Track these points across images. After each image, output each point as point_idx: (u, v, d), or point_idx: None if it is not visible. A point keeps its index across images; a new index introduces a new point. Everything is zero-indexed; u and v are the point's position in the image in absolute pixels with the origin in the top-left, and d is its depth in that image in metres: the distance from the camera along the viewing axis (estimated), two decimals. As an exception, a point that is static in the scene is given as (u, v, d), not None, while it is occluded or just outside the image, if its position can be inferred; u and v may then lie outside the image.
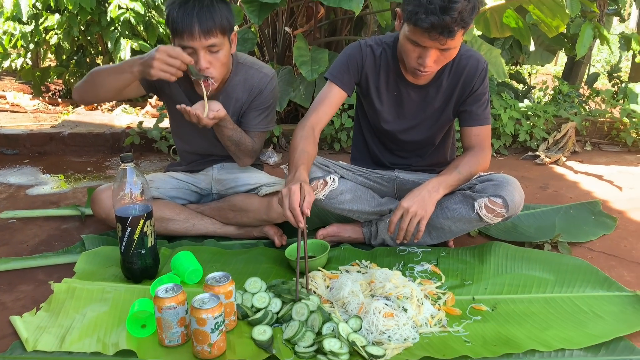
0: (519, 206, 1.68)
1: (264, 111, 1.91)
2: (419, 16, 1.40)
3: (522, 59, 4.25)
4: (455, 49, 1.52)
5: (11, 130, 3.32)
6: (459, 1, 1.37)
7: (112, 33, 4.51)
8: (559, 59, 8.30)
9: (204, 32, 1.61)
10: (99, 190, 1.85)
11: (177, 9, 1.61)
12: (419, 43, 1.48)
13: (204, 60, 1.65)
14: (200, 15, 1.60)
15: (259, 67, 1.88)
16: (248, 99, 1.88)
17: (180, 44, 1.63)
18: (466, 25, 1.43)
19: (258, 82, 1.86)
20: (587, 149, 3.54)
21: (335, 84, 1.74)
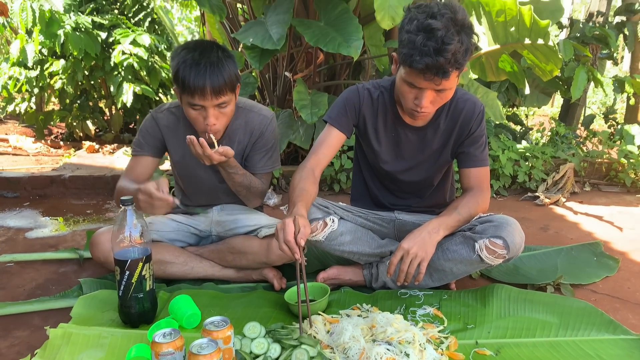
0: (520, 247, 1.67)
1: (268, 152, 1.93)
2: (414, 58, 1.44)
3: (518, 102, 4.32)
4: (450, 90, 1.55)
5: (12, 173, 3.34)
6: (452, 43, 1.40)
7: (115, 77, 4.61)
8: (555, 100, 8.44)
9: (215, 92, 1.63)
10: (98, 233, 1.84)
11: (189, 69, 1.61)
12: (415, 84, 1.52)
13: (212, 117, 1.68)
14: (212, 76, 1.61)
15: (259, 110, 1.92)
16: (250, 142, 1.91)
17: (190, 102, 1.66)
18: (460, 66, 1.46)
19: (258, 124, 1.89)
20: (587, 190, 3.55)
21: (334, 126, 1.78)
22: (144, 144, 1.88)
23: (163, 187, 1.54)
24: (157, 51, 4.95)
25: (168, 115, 1.87)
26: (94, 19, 4.63)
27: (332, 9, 2.98)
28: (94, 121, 5.11)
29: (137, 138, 1.89)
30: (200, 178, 1.95)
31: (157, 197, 1.52)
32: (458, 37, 1.42)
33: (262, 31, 2.84)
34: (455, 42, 1.41)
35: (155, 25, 5.23)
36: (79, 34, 4.34)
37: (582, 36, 4.06)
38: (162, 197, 1.52)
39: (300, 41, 3.59)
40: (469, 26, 1.48)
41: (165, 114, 1.88)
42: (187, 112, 1.71)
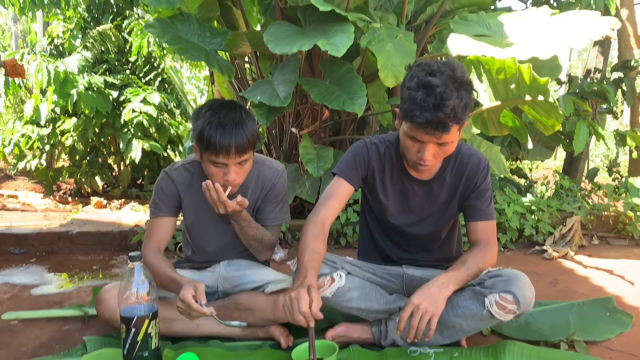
0: (530, 302, 1.65)
1: (279, 204, 1.96)
2: (415, 113, 1.49)
3: (521, 155, 4.37)
4: (452, 143, 1.59)
5: (20, 230, 3.36)
6: (450, 99, 1.46)
7: (125, 134, 4.72)
8: (557, 153, 8.51)
9: (238, 151, 1.68)
10: (104, 289, 1.83)
11: (215, 130, 1.66)
12: (417, 138, 1.56)
13: (233, 174, 1.72)
14: (237, 137, 1.66)
15: (270, 163, 1.97)
16: (262, 194, 1.94)
17: (213, 160, 1.70)
18: (459, 120, 1.51)
19: (270, 177, 1.94)
20: (595, 243, 3.53)
21: (344, 178, 1.81)
22: (162, 204, 1.89)
23: (201, 297, 1.55)
24: (166, 109, 5.08)
25: (182, 172, 1.91)
26: (107, 78, 4.80)
27: (337, 69, 3.09)
28: (102, 177, 5.18)
29: (154, 199, 1.91)
30: (211, 234, 1.96)
31: (195, 309, 1.53)
32: (457, 93, 1.48)
33: (270, 90, 2.93)
34: (454, 98, 1.46)
35: (165, 84, 5.41)
36: (91, 93, 4.49)
37: (581, 92, 4.16)
38: (199, 310, 1.53)
39: (306, 99, 3.69)
40: (468, 82, 1.54)
41: (179, 170, 1.91)
42: (207, 168, 1.74)
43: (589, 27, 2.74)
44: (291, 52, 2.66)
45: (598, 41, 4.79)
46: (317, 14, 2.98)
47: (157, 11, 3.59)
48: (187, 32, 3.23)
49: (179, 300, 1.55)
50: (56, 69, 4.27)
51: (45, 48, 5.30)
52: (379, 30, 2.82)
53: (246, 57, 3.77)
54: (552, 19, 3.00)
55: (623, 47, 4.46)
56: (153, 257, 1.78)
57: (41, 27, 5.99)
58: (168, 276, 1.70)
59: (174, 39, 3.12)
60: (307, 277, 1.53)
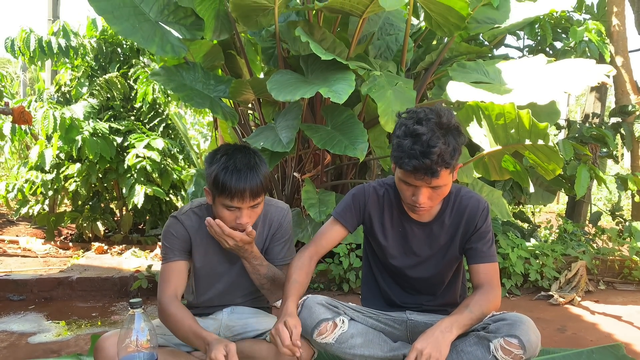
0: (537, 347, 1.61)
1: (286, 243, 1.98)
2: (403, 160, 1.56)
3: (523, 199, 4.37)
4: (446, 185, 1.64)
5: (20, 276, 3.33)
6: (437, 145, 1.52)
7: (128, 179, 4.74)
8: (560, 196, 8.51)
9: (252, 196, 1.70)
10: (103, 338, 1.79)
11: (230, 175, 1.68)
12: (409, 183, 1.62)
13: (246, 217, 1.73)
14: (252, 181, 1.69)
15: (275, 203, 1.99)
16: (269, 234, 1.95)
17: (227, 204, 1.71)
18: (448, 165, 1.56)
19: (277, 216, 1.95)
20: (602, 288, 3.48)
21: (338, 220, 1.86)
22: (173, 249, 1.87)
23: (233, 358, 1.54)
24: (169, 154, 5.13)
25: (191, 216, 1.90)
26: (111, 124, 4.87)
27: (339, 115, 3.14)
28: (104, 222, 5.17)
29: (164, 245, 1.89)
30: (219, 276, 1.94)
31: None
32: (443, 139, 1.55)
33: (273, 135, 2.98)
34: (440, 144, 1.53)
35: (169, 129, 5.48)
36: (96, 139, 4.55)
37: (580, 136, 4.20)
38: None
39: (308, 144, 3.74)
40: (456, 127, 1.61)
41: (188, 214, 1.90)
42: (219, 211, 1.74)
43: (585, 74, 2.80)
44: (294, 100, 2.71)
45: (595, 87, 4.88)
46: (319, 63, 3.06)
47: (163, 60, 3.69)
48: (192, 80, 3.30)
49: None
50: (62, 115, 4.34)
51: (53, 95, 5.41)
52: (379, 77, 2.89)
53: (249, 104, 3.85)
54: (549, 66, 3.07)
55: (620, 93, 4.54)
56: (174, 307, 1.75)
57: (49, 75, 6.14)
58: (193, 331, 1.67)
59: (179, 87, 3.19)
60: (285, 306, 1.61)
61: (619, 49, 4.53)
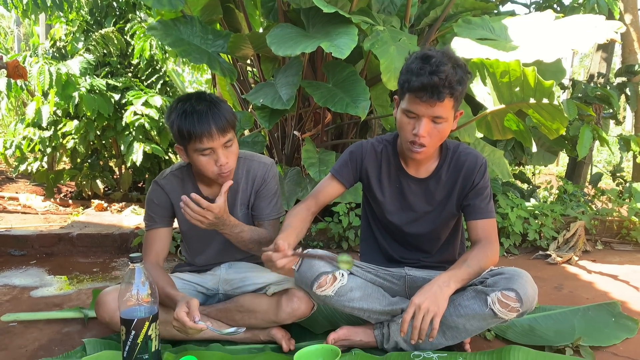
0: (533, 300, 1.63)
1: (272, 198, 1.97)
2: (411, 79, 1.58)
3: (525, 160, 4.35)
4: (447, 122, 1.64)
5: (21, 231, 3.34)
6: (445, 67, 1.55)
7: (126, 137, 4.70)
8: (560, 159, 8.48)
9: (220, 131, 1.69)
10: (104, 292, 1.81)
11: (190, 117, 1.68)
12: (412, 111, 1.62)
13: (223, 156, 1.72)
14: (214, 117, 1.68)
15: (258, 158, 1.98)
16: (253, 189, 1.95)
17: (198, 147, 1.70)
18: (453, 91, 1.58)
19: (260, 172, 1.95)
20: (599, 248, 3.50)
21: (335, 177, 1.88)
22: (155, 216, 1.90)
23: (194, 313, 1.57)
24: (168, 112, 5.06)
25: (171, 179, 1.90)
26: (109, 81, 4.78)
27: (340, 72, 3.07)
28: (103, 180, 5.16)
29: (147, 212, 1.91)
30: (211, 238, 1.95)
31: (189, 327, 1.55)
32: (452, 65, 1.58)
33: (272, 92, 2.92)
34: (449, 67, 1.57)
35: (167, 87, 5.40)
36: (93, 95, 4.47)
37: (584, 96, 4.14)
38: (194, 327, 1.55)
39: (308, 102, 3.68)
40: (463, 64, 1.65)
41: (168, 178, 1.91)
42: (196, 160, 1.74)
43: (593, 31, 2.72)
44: (294, 54, 2.65)
45: (602, 46, 4.78)
46: (320, 16, 2.97)
47: (159, 14, 3.58)
48: (190, 34, 3.22)
49: (174, 319, 1.57)
50: (58, 71, 4.26)
51: (48, 51, 5.29)
52: (383, 33, 2.81)
53: (248, 59, 3.76)
54: (556, 22, 2.99)
55: (627, 52, 4.45)
56: (153, 273, 1.76)
57: (44, 30, 5.99)
58: (165, 293, 1.71)
59: (176, 42, 3.11)
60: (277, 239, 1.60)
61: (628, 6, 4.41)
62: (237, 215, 1.94)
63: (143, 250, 1.90)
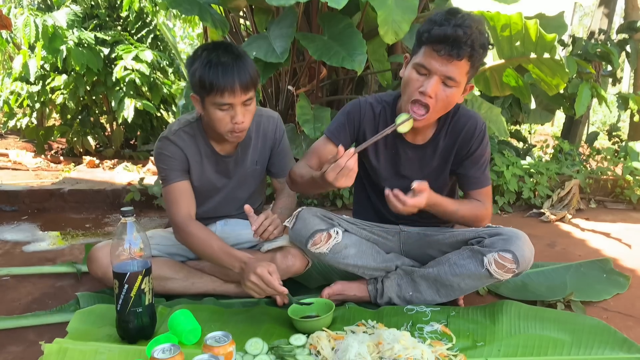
0: (530, 262, 1.63)
1: (288, 153, 1.98)
2: (433, 28, 1.48)
3: (521, 118, 4.31)
4: (457, 89, 1.54)
5: (11, 187, 3.31)
6: (472, 25, 1.46)
7: (117, 93, 4.61)
8: (555, 120, 8.45)
9: (243, 89, 1.62)
10: (96, 248, 1.79)
11: (215, 68, 1.59)
12: (425, 66, 1.51)
13: (241, 115, 1.65)
14: (239, 72, 1.60)
15: (266, 112, 1.93)
16: (266, 146, 1.92)
17: (217, 101, 1.62)
18: (474, 52, 1.48)
19: (270, 127, 1.91)
20: (592, 207, 3.51)
21: (330, 139, 1.78)
22: (173, 169, 1.79)
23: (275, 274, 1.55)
24: (159, 67, 4.96)
25: (183, 136, 1.80)
26: (97, 34, 4.65)
27: (336, 24, 2.98)
28: (95, 137, 5.09)
29: (162, 167, 1.79)
30: (217, 191, 1.92)
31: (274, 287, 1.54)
32: (477, 29, 1.48)
33: (266, 45, 2.83)
34: (474, 28, 1.47)
35: (157, 41, 5.26)
36: (81, 49, 4.35)
37: (584, 53, 4.06)
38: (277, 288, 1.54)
39: (303, 56, 3.59)
40: (488, 36, 1.55)
41: (179, 135, 1.80)
42: (212, 114, 1.66)
43: (598, -17, 2.64)
44: (288, 5, 2.55)
45: (604, 1, 4.66)
46: (315, -35, 2.86)
47: (148, -39, 3.44)
48: (180, -17, 3.09)
49: (254, 275, 1.53)
50: (44, 23, 4.12)
51: (33, 1, 5.11)
52: (380, -17, 2.70)
53: (241, 11, 3.64)
54: (560, -26, 2.89)
55: (630, 7, 4.35)
56: (194, 228, 1.72)
57: (28, -21, 5.76)
58: (224, 251, 1.66)
59: (166, -9, 2.99)
60: None
61: (633, -41, 4.28)
62: (247, 172, 1.91)
63: (170, 206, 1.78)
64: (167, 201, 1.80)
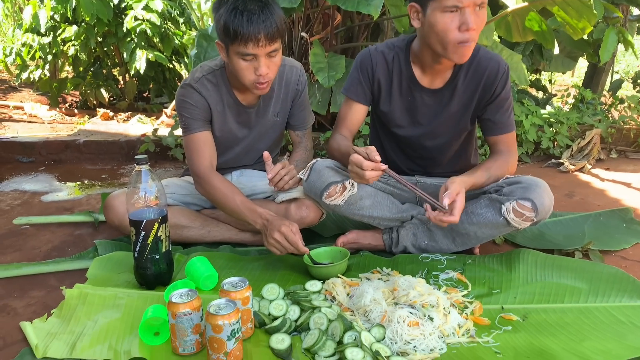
0: (549, 210, 1.60)
1: (307, 105, 1.96)
2: None
3: (542, 66, 4.17)
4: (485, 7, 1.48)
5: (27, 138, 3.32)
6: None
7: (128, 44, 4.53)
8: (575, 71, 8.18)
9: (268, 39, 1.55)
10: (112, 196, 1.80)
11: (240, 16, 1.53)
12: (456, 5, 1.44)
13: (264, 66, 1.59)
14: (265, 21, 1.54)
15: (289, 62, 1.87)
16: (288, 97, 1.88)
17: (241, 51, 1.57)
18: None
19: (293, 77, 1.87)
20: (613, 157, 3.43)
21: (352, 99, 1.76)
22: (196, 119, 1.75)
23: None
24: (170, 17, 4.85)
25: (206, 84, 1.75)
26: (106, -17, 4.53)
27: (351, -34, 2.85)
28: (108, 89, 5.06)
29: (184, 115, 1.75)
30: (238, 141, 1.90)
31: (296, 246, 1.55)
32: None
33: (278, -10, 2.73)
34: None
35: (167, -10, 5.11)
36: (90, -2, 4.25)
37: (611, -4, 3.87)
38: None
39: (317, 2, 3.47)
40: None
41: (202, 82, 1.75)
42: (236, 64, 1.61)
43: None
44: (301, -54, 2.44)
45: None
46: None
47: None
48: None
49: (278, 233, 1.54)
50: (52, -29, 4.02)
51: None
52: None
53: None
54: None
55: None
56: (217, 180, 1.70)
57: None
58: (247, 207, 1.65)
59: None
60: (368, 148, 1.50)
61: None
62: (268, 123, 1.88)
63: (191, 156, 1.75)
64: (189, 150, 1.77)
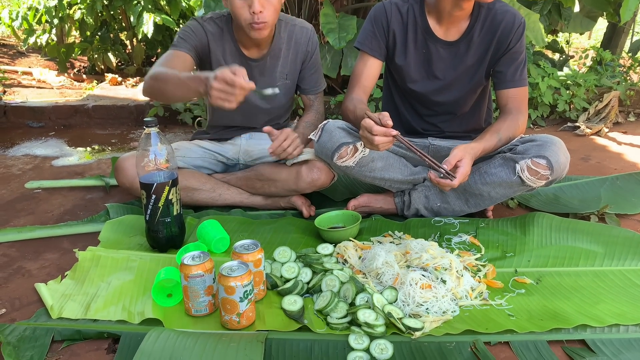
0: (565, 168, 1.56)
1: (319, 68, 1.93)
2: None
3: (560, 26, 4.03)
4: None
5: (37, 103, 3.31)
6: None
7: (135, 7, 4.45)
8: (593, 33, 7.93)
9: None
10: (122, 158, 1.79)
11: None
12: None
13: (257, 3, 1.56)
14: None
15: (300, 23, 1.84)
16: (298, 59, 1.85)
17: None
18: None
19: (303, 39, 1.83)
20: (631, 120, 3.35)
21: (367, 52, 1.72)
22: (186, 40, 1.72)
23: (240, 71, 1.28)
24: (177, -22, 4.74)
25: (212, 24, 1.77)
26: (110, -57, 4.42)
27: None
28: (115, 54, 5.01)
29: (179, 36, 1.73)
30: None
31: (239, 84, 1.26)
32: None
33: (287, -53, 2.65)
34: None
35: (173, -51, 4.98)
36: (95, -41, 4.16)
37: (635, -48, 3.70)
38: (243, 85, 1.26)
39: (327, -40, 3.36)
40: None
41: (209, 22, 1.77)
42: (232, 3, 1.61)
43: None
44: None
45: None
46: None
47: None
48: None
49: (215, 80, 1.28)
50: None
51: None
52: None
53: None
54: None
55: None
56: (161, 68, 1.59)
57: None
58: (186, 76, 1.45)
59: None
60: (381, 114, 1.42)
61: None
62: (275, 85, 1.85)
63: (157, 62, 1.66)
64: (160, 59, 1.69)
